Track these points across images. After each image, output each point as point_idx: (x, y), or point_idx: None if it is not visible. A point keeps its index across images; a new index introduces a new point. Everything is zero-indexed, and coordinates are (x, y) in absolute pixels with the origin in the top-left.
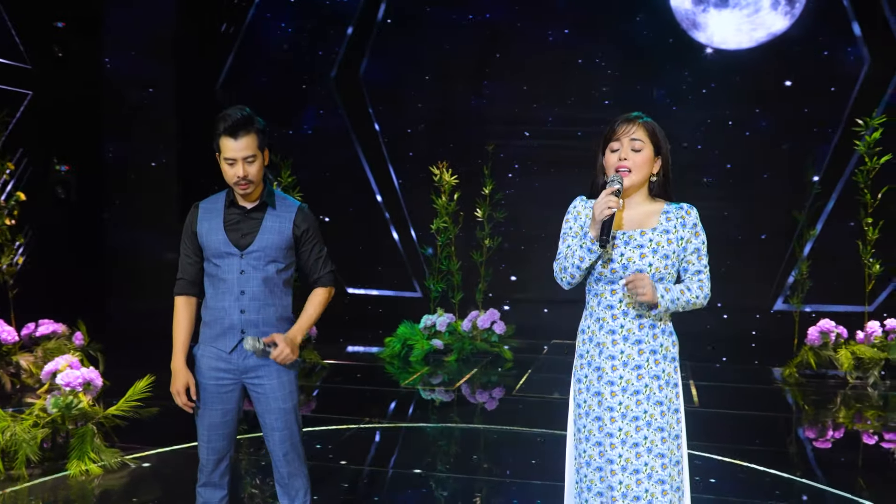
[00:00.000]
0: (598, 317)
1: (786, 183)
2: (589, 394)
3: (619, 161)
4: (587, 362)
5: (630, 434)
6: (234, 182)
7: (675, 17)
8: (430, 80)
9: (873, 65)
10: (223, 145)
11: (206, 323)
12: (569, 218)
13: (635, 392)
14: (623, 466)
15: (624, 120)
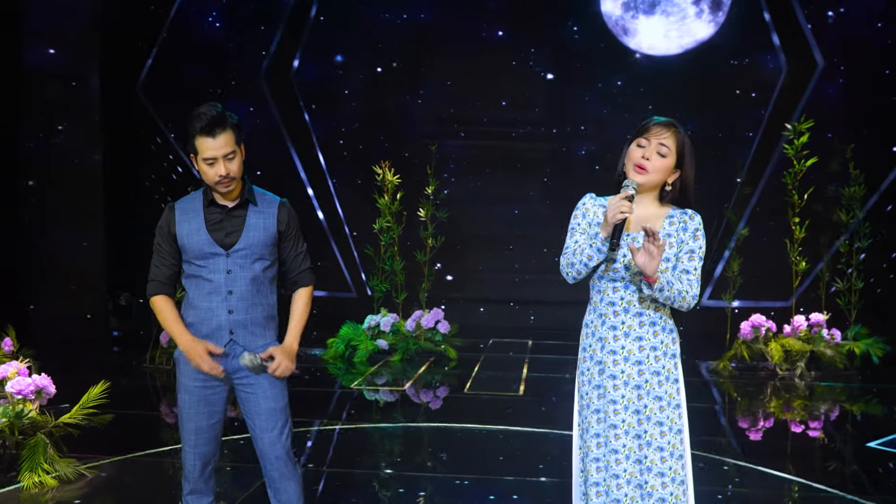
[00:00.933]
0: (601, 312)
1: (712, 184)
2: (590, 386)
3: (641, 158)
4: (589, 356)
5: (632, 426)
6: (215, 182)
7: (606, 23)
8: (364, 78)
9: (790, 72)
10: (201, 145)
11: (190, 325)
12: (577, 214)
13: (636, 387)
14: (626, 455)
15: (660, 123)
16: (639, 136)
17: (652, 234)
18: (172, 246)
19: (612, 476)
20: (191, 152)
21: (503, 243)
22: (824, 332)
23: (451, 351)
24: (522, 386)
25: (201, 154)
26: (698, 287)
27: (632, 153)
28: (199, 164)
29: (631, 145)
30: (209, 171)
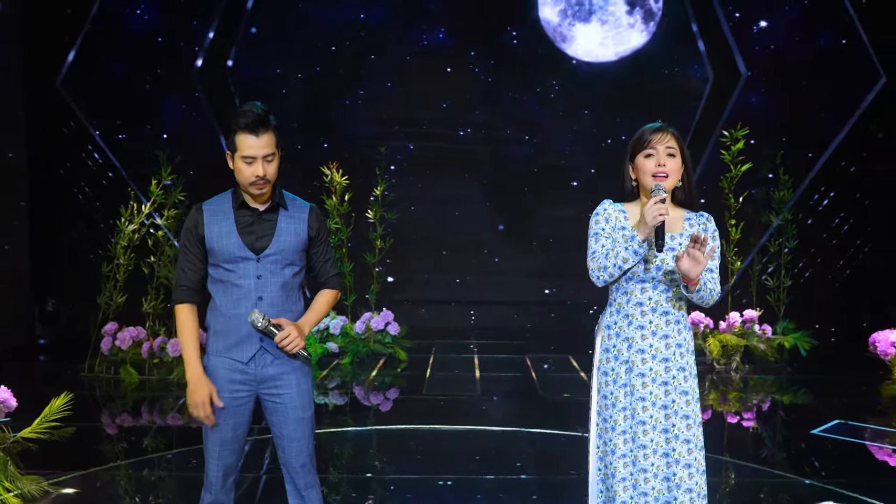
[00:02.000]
0: (627, 313)
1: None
2: (616, 386)
3: (657, 167)
4: (614, 356)
5: (660, 421)
6: (250, 182)
7: (545, 29)
8: (302, 77)
9: (716, 81)
10: (242, 143)
11: (217, 332)
12: (599, 219)
13: (664, 383)
14: (654, 450)
15: (655, 130)
16: (643, 148)
17: (700, 241)
18: (200, 249)
19: (639, 470)
20: (229, 149)
21: (443, 245)
22: (756, 327)
23: (400, 353)
24: (479, 386)
25: (241, 151)
26: (720, 284)
27: (644, 166)
28: (237, 162)
29: (637, 159)
30: (246, 171)
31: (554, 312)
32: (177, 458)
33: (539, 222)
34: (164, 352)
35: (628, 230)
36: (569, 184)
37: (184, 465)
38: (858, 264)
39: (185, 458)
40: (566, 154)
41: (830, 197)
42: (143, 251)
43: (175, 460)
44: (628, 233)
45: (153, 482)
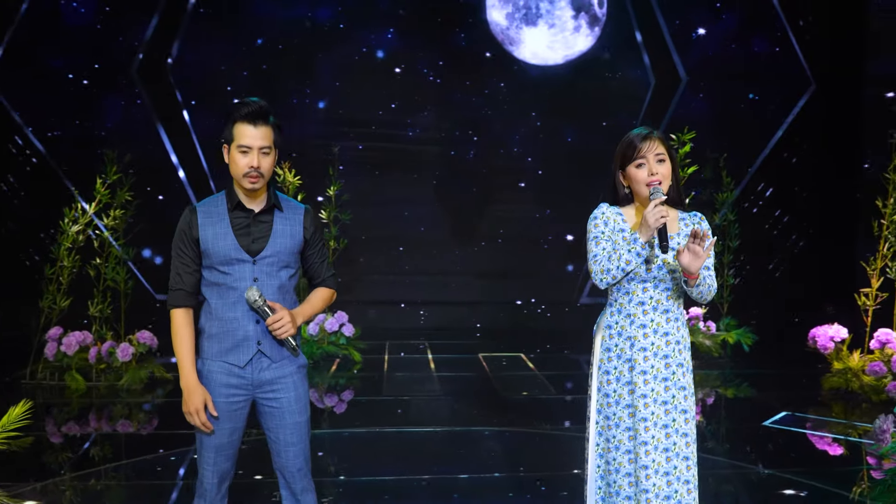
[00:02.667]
0: (629, 313)
1: (588, 188)
2: (619, 384)
3: (649, 176)
4: (616, 355)
5: (660, 417)
6: (244, 173)
7: (493, 31)
8: (248, 75)
9: (658, 85)
10: (239, 132)
11: (212, 336)
12: (598, 223)
13: (664, 379)
14: (655, 446)
15: (643, 137)
16: (634, 158)
17: (699, 236)
18: (195, 251)
19: (641, 467)
20: (225, 141)
21: (393, 245)
22: (701, 324)
23: (355, 354)
24: (438, 386)
25: (237, 140)
26: (716, 281)
27: (637, 175)
28: (232, 153)
29: (628, 169)
30: (240, 161)
31: (503, 312)
32: (129, 467)
33: (488, 222)
34: (114, 357)
35: (628, 232)
36: (517, 184)
37: (138, 473)
38: (793, 262)
39: (138, 466)
40: (514, 155)
41: (766, 198)
42: (88, 253)
43: (128, 469)
44: (628, 235)
45: (106, 492)
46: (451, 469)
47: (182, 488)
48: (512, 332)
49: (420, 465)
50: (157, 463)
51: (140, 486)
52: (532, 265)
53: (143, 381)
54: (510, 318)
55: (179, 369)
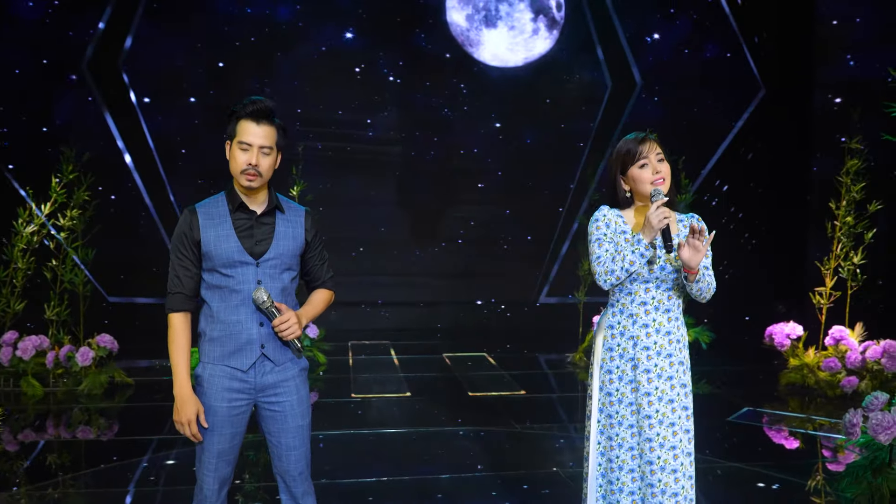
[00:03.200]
0: (631, 313)
1: (548, 189)
2: (622, 383)
3: (654, 174)
4: (619, 354)
5: (666, 415)
6: (241, 170)
7: (453, 33)
8: (204, 72)
9: (614, 88)
10: (242, 128)
11: (214, 339)
12: (600, 225)
13: (669, 378)
14: (661, 444)
15: (642, 140)
16: (635, 160)
17: (697, 231)
18: (195, 253)
19: (646, 462)
20: (228, 137)
21: (353, 245)
22: None
23: (320, 356)
24: (406, 386)
25: (239, 136)
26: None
27: (641, 175)
28: (233, 149)
29: (630, 171)
30: (239, 157)
31: (463, 312)
32: (89, 475)
33: (448, 223)
34: (73, 361)
35: (629, 234)
36: (476, 185)
37: (98, 481)
38: (746, 262)
39: (99, 475)
40: (474, 156)
41: (719, 199)
42: (44, 254)
43: (87, 478)
44: (630, 236)
45: (64, 501)
46: (431, 469)
47: (136, 496)
48: (473, 332)
49: (400, 466)
50: (119, 470)
51: (99, 494)
52: (492, 265)
53: (103, 386)
54: (471, 318)
55: (174, 376)
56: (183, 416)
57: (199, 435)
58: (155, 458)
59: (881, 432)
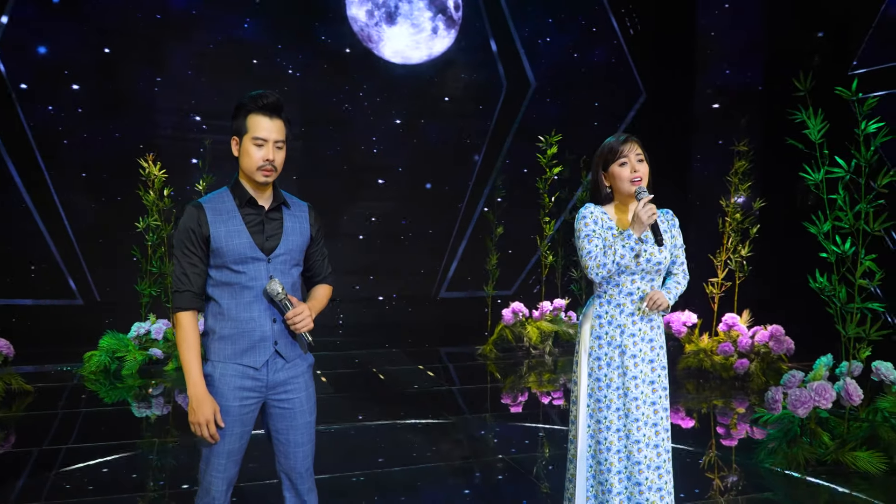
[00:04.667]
0: (619, 303)
1: (448, 184)
2: (610, 368)
3: (632, 173)
4: (607, 342)
5: (648, 395)
6: (258, 166)
7: (353, 28)
8: (89, 58)
9: (509, 88)
10: (255, 123)
11: (224, 338)
12: (588, 222)
13: (650, 361)
14: (645, 422)
15: (624, 141)
16: (616, 158)
17: (651, 303)
18: (203, 250)
19: (633, 442)
20: (235, 133)
21: None
22: (563, 314)
23: None
24: (325, 383)
25: (253, 132)
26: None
27: (621, 173)
28: (245, 145)
29: (611, 169)
30: (255, 154)
31: (365, 308)
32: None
33: (349, 219)
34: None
35: (616, 229)
36: (376, 181)
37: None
38: None
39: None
40: (374, 153)
41: None
42: None
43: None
44: (616, 231)
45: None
46: (382, 463)
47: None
48: (376, 328)
49: (348, 462)
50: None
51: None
52: (393, 261)
53: (0, 395)
54: (373, 314)
55: (187, 377)
56: (201, 416)
57: (217, 435)
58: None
59: (799, 406)
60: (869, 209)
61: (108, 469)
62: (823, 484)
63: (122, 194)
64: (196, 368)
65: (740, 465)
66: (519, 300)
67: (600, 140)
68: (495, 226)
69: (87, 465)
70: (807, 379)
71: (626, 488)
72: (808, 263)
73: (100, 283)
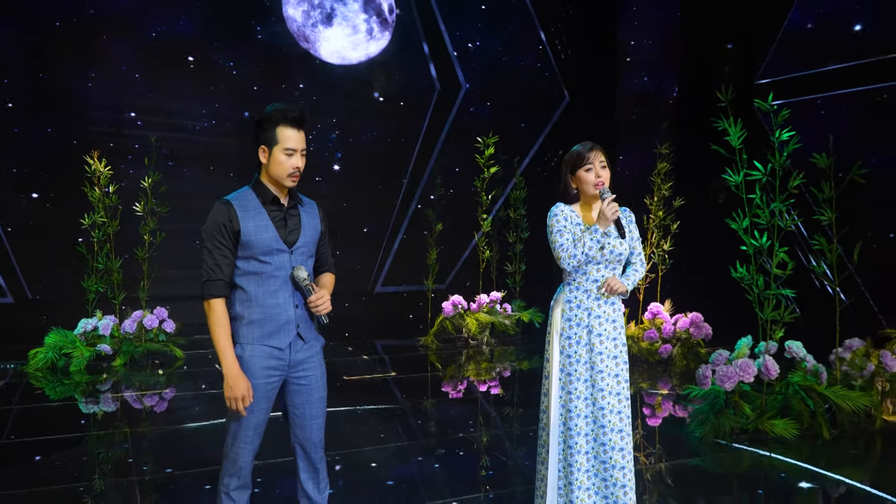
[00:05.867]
0: (586, 289)
1: (381, 184)
2: (579, 346)
3: (596, 178)
4: (576, 323)
5: (612, 368)
6: (289, 173)
7: (289, 27)
8: (21, 52)
9: (442, 90)
10: (284, 134)
11: (252, 322)
12: (559, 219)
13: (613, 338)
14: (610, 391)
15: (589, 149)
16: (583, 164)
17: (608, 289)
18: (233, 242)
19: (598, 409)
20: (264, 143)
21: (189, 237)
22: (499, 306)
23: (177, 350)
24: None
25: (283, 143)
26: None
27: (586, 177)
28: (275, 154)
29: (578, 173)
30: (286, 162)
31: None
32: None
33: None
34: None
35: (583, 225)
36: (314, 179)
37: None
38: None
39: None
40: (311, 150)
41: (531, 193)
42: None
43: None
44: (584, 227)
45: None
46: (353, 444)
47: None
48: (352, 322)
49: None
50: None
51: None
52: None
53: None
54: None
55: (222, 358)
56: (237, 391)
57: (244, 410)
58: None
59: (726, 381)
60: (782, 207)
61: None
62: (746, 449)
63: (54, 191)
64: (230, 350)
65: (672, 435)
66: (452, 294)
67: (528, 140)
68: (435, 222)
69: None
70: (731, 357)
71: (593, 448)
72: (723, 256)
73: (32, 281)
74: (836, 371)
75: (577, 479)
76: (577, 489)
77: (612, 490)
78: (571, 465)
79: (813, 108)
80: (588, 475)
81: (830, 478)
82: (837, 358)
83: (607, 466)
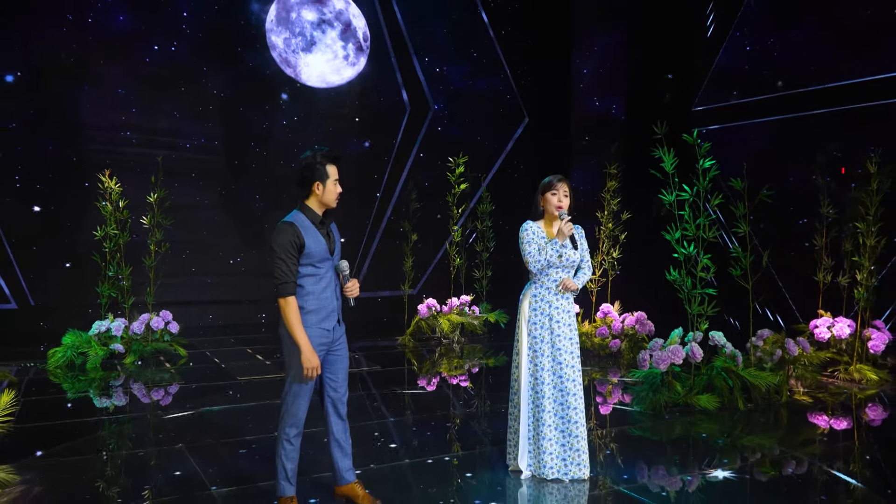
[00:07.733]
0: (548, 287)
1: (357, 197)
2: (543, 330)
3: (559, 202)
4: (541, 312)
5: (568, 347)
6: (335, 199)
7: (271, 53)
8: (22, 75)
9: (412, 111)
10: (333, 170)
11: (312, 311)
12: (528, 233)
13: (569, 325)
14: (567, 364)
15: (558, 180)
16: (549, 189)
17: (564, 287)
18: (298, 254)
19: (558, 376)
20: (318, 179)
21: (181, 248)
22: (467, 309)
23: (180, 349)
24: (275, 368)
25: (333, 176)
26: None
27: (551, 199)
28: (328, 186)
29: (546, 195)
30: (334, 190)
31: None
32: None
33: (270, 227)
34: None
35: (546, 237)
36: (292, 192)
37: None
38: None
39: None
40: (294, 168)
41: (495, 207)
42: None
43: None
44: (547, 239)
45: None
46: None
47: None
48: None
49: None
50: None
51: None
52: None
53: None
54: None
55: (299, 339)
56: (314, 362)
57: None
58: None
59: (661, 363)
60: (706, 222)
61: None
62: (678, 419)
63: (55, 204)
64: (304, 333)
65: (618, 411)
66: (424, 298)
67: (491, 157)
68: (410, 232)
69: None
70: (665, 345)
71: (558, 403)
72: (663, 262)
73: (34, 287)
74: (751, 356)
75: (544, 431)
76: (542, 439)
77: (568, 428)
78: (539, 419)
79: (739, 131)
80: (552, 428)
81: (745, 440)
82: (752, 345)
83: (568, 415)
